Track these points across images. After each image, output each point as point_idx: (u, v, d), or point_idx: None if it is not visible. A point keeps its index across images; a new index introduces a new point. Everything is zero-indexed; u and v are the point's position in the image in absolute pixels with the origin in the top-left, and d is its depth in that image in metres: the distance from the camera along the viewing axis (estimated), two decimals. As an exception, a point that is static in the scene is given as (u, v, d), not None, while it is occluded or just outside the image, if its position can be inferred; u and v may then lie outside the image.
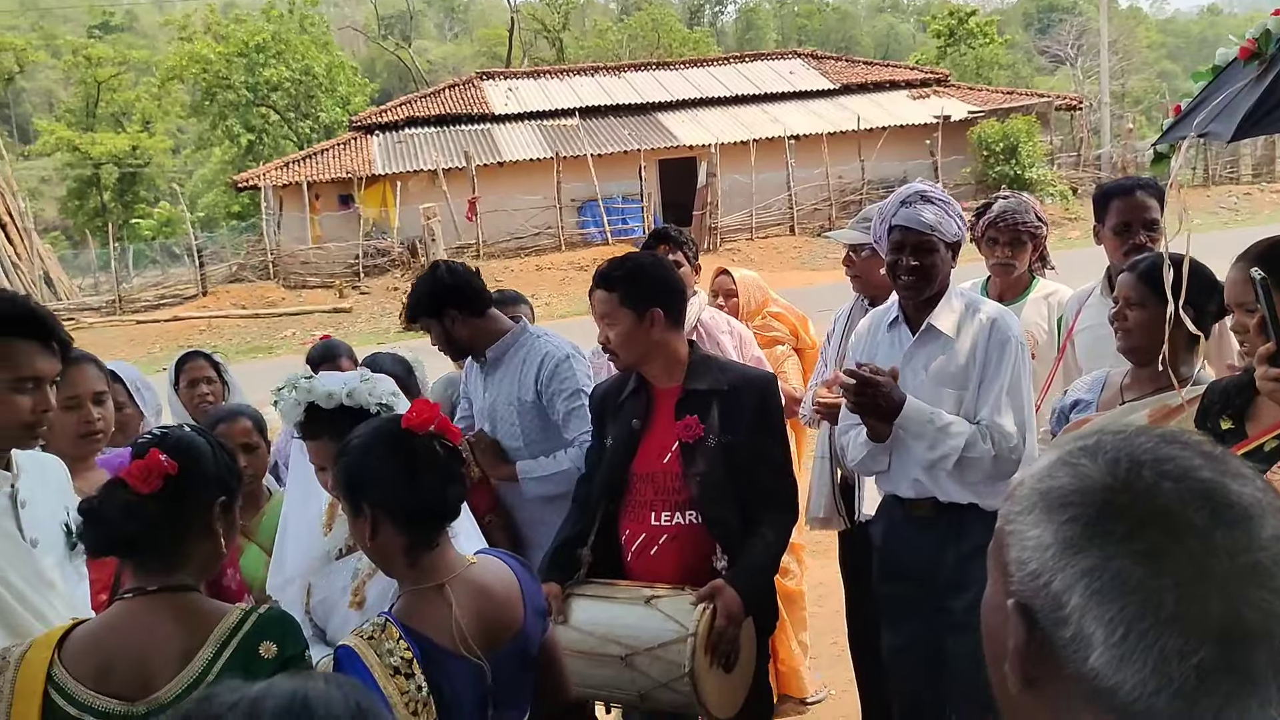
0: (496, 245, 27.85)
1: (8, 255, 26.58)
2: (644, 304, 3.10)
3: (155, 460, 1.94)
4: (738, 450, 3.08)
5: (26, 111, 60.92)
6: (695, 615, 2.83)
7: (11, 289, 2.41)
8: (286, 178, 29.04)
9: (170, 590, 1.98)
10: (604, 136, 30.91)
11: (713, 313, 4.35)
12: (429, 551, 2.12)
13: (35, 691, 1.90)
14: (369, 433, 2.17)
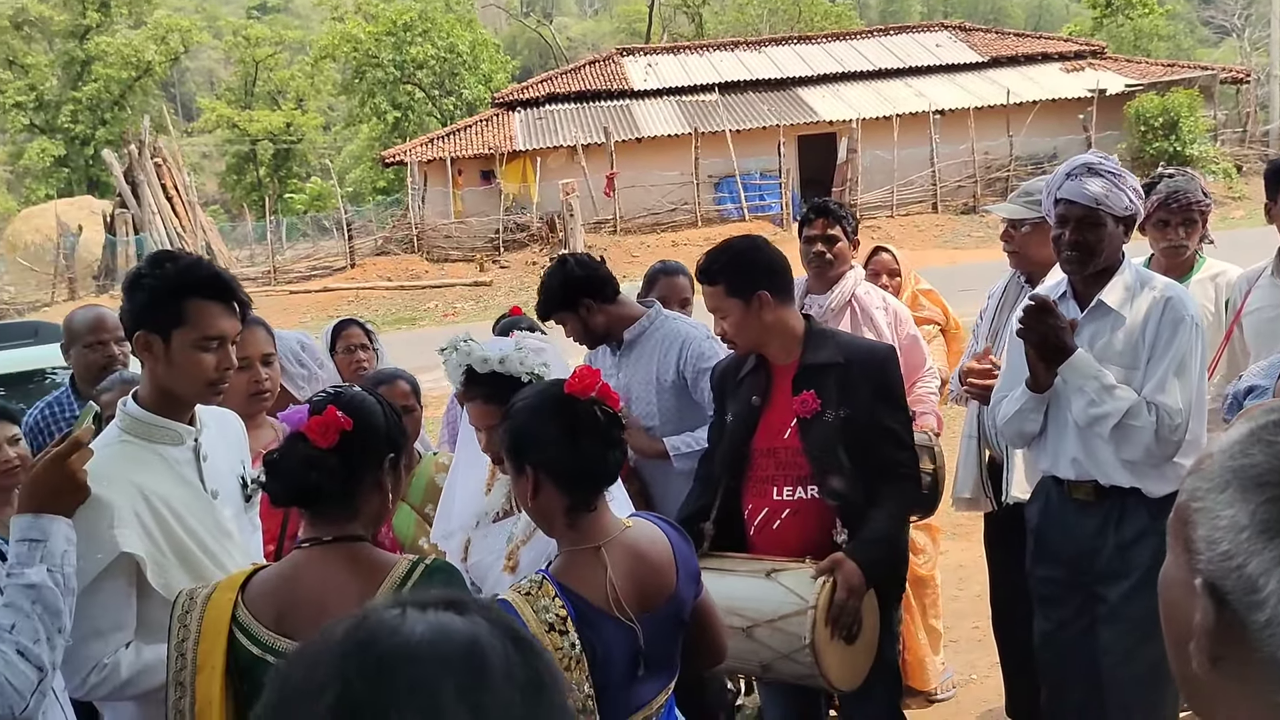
0: (633, 221, 27.98)
1: (174, 226, 27.98)
2: (748, 289, 3.10)
3: (333, 416, 2.03)
4: (855, 423, 3.06)
5: (190, 90, 63.86)
6: (815, 588, 2.84)
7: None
8: (431, 154, 29.73)
9: (344, 540, 2.08)
10: (743, 112, 30.68)
11: (868, 288, 4.28)
12: (587, 514, 2.16)
13: (221, 631, 2.02)
14: (534, 395, 2.23)
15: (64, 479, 2.14)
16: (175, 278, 2.36)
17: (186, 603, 2.09)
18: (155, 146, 29.12)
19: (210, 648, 2.02)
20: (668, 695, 2.26)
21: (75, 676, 2.27)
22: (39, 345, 5.10)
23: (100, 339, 3.90)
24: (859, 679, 2.99)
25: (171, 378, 2.40)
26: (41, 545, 2.08)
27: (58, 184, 45.01)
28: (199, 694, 2.02)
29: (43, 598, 2.04)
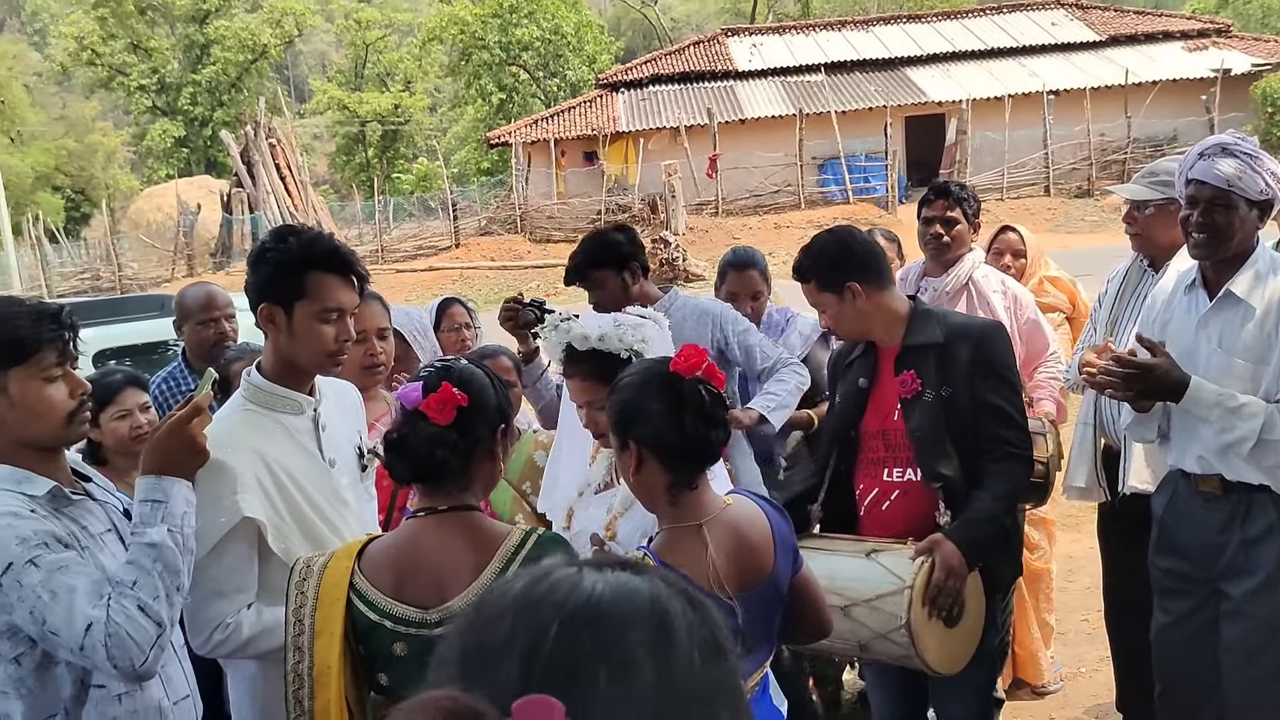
0: (735, 202, 27.85)
1: (286, 206, 28.77)
2: (838, 283, 3.08)
3: (449, 393, 2.07)
4: (957, 402, 3.00)
5: (303, 73, 65.52)
6: (913, 568, 2.81)
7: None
8: (535, 135, 30.00)
9: (458, 510, 2.12)
10: (849, 93, 30.26)
11: (986, 271, 4.17)
12: (689, 491, 2.17)
13: (339, 598, 2.07)
14: (640, 372, 2.25)
15: (184, 443, 2.20)
16: (298, 252, 2.42)
17: (304, 570, 2.15)
18: (270, 128, 29.95)
19: (328, 614, 2.08)
20: (763, 673, 2.26)
21: (200, 634, 2.36)
22: (165, 318, 5.30)
23: (211, 316, 4.02)
24: (959, 664, 2.94)
25: (293, 348, 2.46)
26: (163, 506, 2.16)
27: (178, 164, 46.66)
28: (317, 659, 2.08)
29: (163, 556, 2.12)
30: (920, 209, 4.26)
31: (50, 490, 2.20)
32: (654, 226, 25.90)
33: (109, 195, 43.45)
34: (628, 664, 0.80)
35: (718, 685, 0.83)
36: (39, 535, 2.10)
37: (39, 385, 2.17)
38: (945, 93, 29.23)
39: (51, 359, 2.17)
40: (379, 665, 2.11)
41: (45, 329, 2.17)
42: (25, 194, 41.07)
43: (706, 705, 0.81)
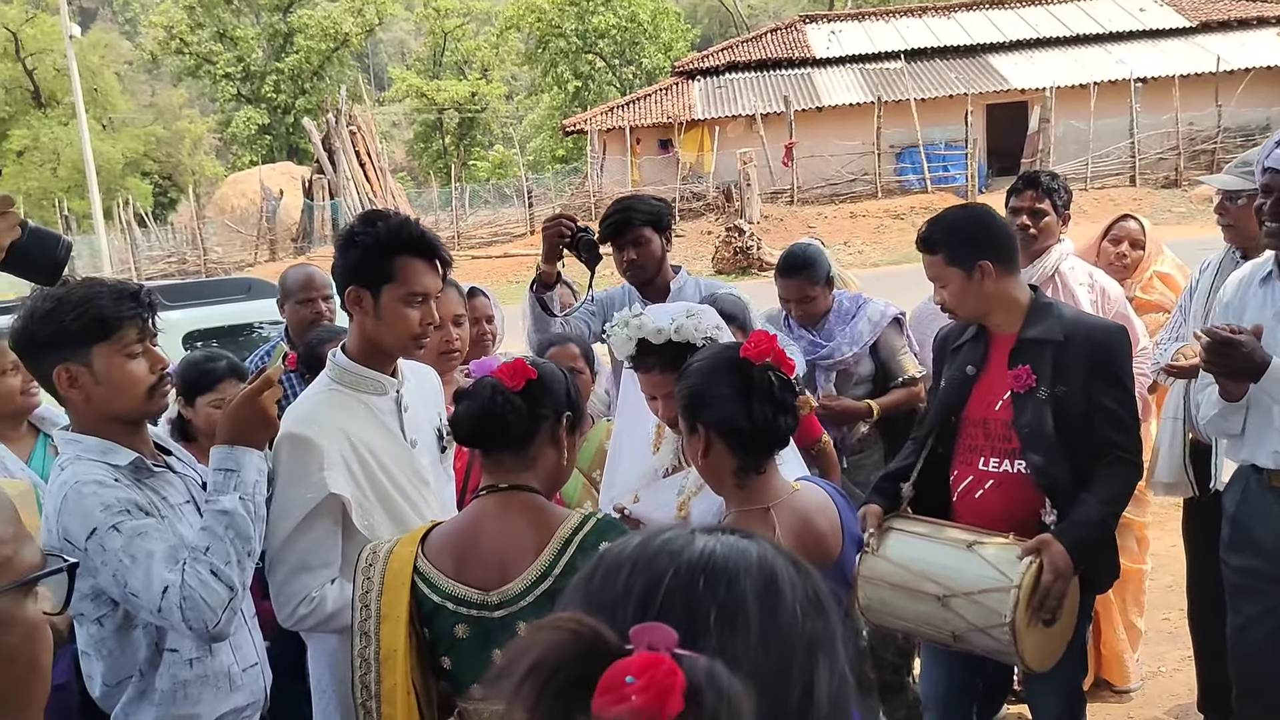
0: (811, 191, 27.63)
1: (365, 192, 29.23)
2: (969, 259, 3.00)
3: (522, 364, 2.14)
4: (1070, 402, 2.93)
5: (383, 61, 66.35)
6: (1020, 568, 2.75)
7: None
8: (610, 122, 30.05)
9: (519, 489, 2.15)
10: (929, 80, 29.81)
11: (1074, 264, 4.06)
12: (757, 475, 2.18)
13: (404, 582, 2.11)
14: (710, 357, 2.26)
15: (256, 414, 2.29)
16: (386, 236, 2.47)
17: (370, 556, 2.18)
18: (350, 115, 30.43)
19: (394, 599, 2.11)
20: None
21: (285, 608, 2.42)
22: (251, 300, 5.42)
23: (309, 295, 4.18)
24: (1052, 661, 2.91)
25: (379, 331, 2.51)
26: (235, 475, 2.25)
27: (261, 151, 47.64)
28: (384, 643, 2.11)
29: (234, 523, 2.21)
30: (1008, 198, 4.17)
31: (133, 461, 2.30)
32: (728, 215, 25.82)
33: (195, 181, 44.56)
34: (737, 608, 0.85)
35: (819, 637, 0.88)
36: (121, 503, 2.20)
37: (122, 361, 2.26)
38: (1029, 80, 28.64)
39: (132, 335, 2.27)
40: (442, 648, 2.13)
41: (125, 307, 2.26)
42: (116, 179, 42.25)
43: (808, 654, 0.86)
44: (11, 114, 45.68)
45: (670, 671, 0.73)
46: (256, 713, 2.49)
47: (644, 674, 0.73)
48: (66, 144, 40.97)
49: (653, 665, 0.73)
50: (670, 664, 0.74)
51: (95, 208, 28.02)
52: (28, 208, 38.04)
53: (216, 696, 2.37)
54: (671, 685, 0.73)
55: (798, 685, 0.85)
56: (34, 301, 2.26)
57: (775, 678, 0.84)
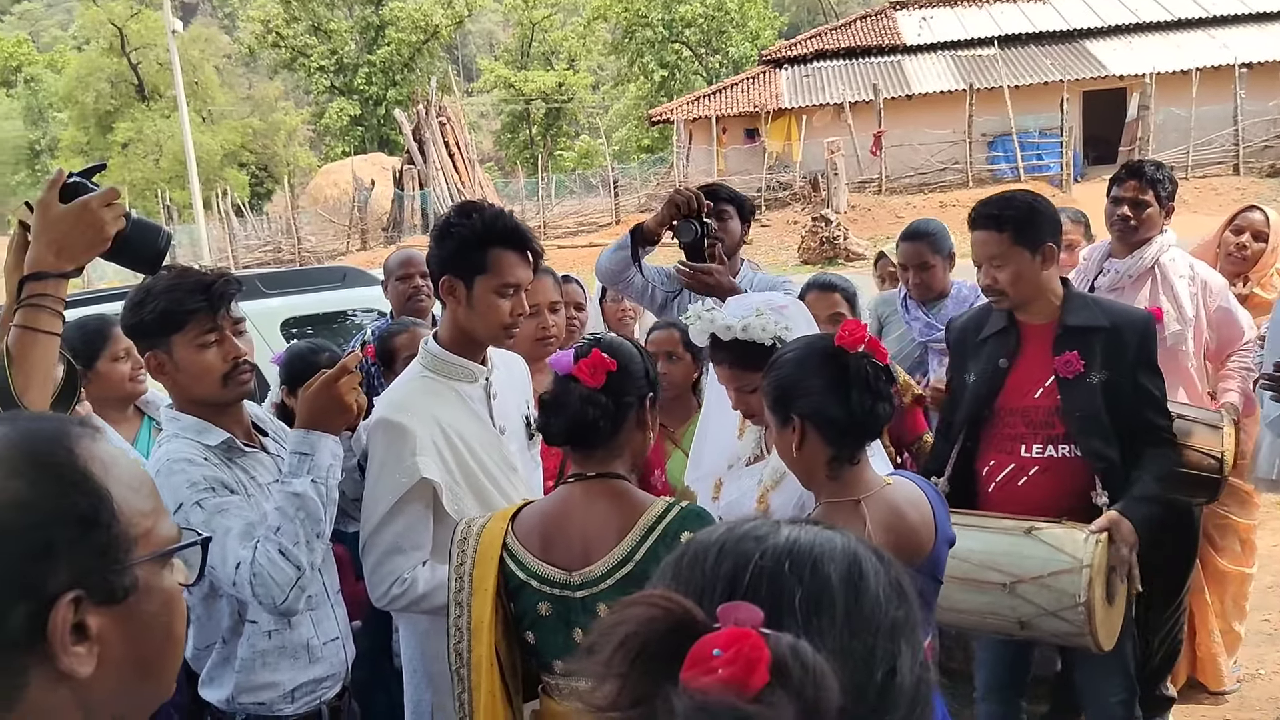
0: (899, 181, 27.26)
1: (454, 182, 29.63)
2: (1037, 240, 3.03)
3: (599, 357, 2.14)
4: (1119, 387, 3.02)
5: (471, 52, 67.09)
6: (1090, 547, 2.79)
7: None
8: (696, 112, 29.99)
9: (606, 477, 2.18)
10: (1023, 66, 29.17)
11: (1175, 255, 3.95)
12: (851, 467, 2.17)
13: (493, 557, 2.17)
14: (802, 347, 2.25)
15: (332, 400, 2.38)
16: (481, 228, 2.52)
17: (465, 530, 2.24)
18: (440, 106, 30.86)
19: (484, 572, 2.17)
20: None
21: (379, 588, 2.50)
22: (346, 289, 5.54)
23: (408, 273, 4.36)
24: (1114, 639, 2.95)
25: (471, 320, 2.56)
26: (309, 459, 2.34)
27: (353, 142, 48.58)
28: (473, 613, 2.18)
29: (305, 505, 2.29)
30: (1110, 187, 4.07)
31: (224, 441, 2.42)
32: (814, 205, 25.60)
33: (290, 172, 45.60)
34: (821, 591, 0.88)
35: (901, 623, 0.89)
36: (207, 480, 2.33)
37: (195, 351, 2.38)
38: (1127, 66, 27.85)
39: (203, 327, 2.37)
40: (526, 624, 2.19)
41: (195, 301, 2.37)
42: (214, 170, 43.46)
43: (891, 638, 0.88)
44: (117, 107, 47.30)
45: (756, 645, 0.75)
46: (337, 684, 2.57)
47: (730, 647, 0.75)
48: (168, 136, 42.29)
49: (739, 639, 0.76)
50: (756, 637, 0.76)
51: (195, 198, 28.87)
52: (131, 198, 39.37)
53: (295, 667, 2.46)
54: (758, 658, 0.75)
55: (882, 666, 0.86)
56: (134, 292, 2.42)
57: (860, 658, 0.85)
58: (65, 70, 52.37)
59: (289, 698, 2.46)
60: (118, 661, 0.97)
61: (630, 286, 3.80)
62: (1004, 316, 3.18)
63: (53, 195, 1.87)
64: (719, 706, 0.73)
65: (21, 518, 0.92)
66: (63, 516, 0.94)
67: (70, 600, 0.93)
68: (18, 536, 0.92)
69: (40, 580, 0.92)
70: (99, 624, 0.95)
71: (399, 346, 3.54)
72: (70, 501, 0.95)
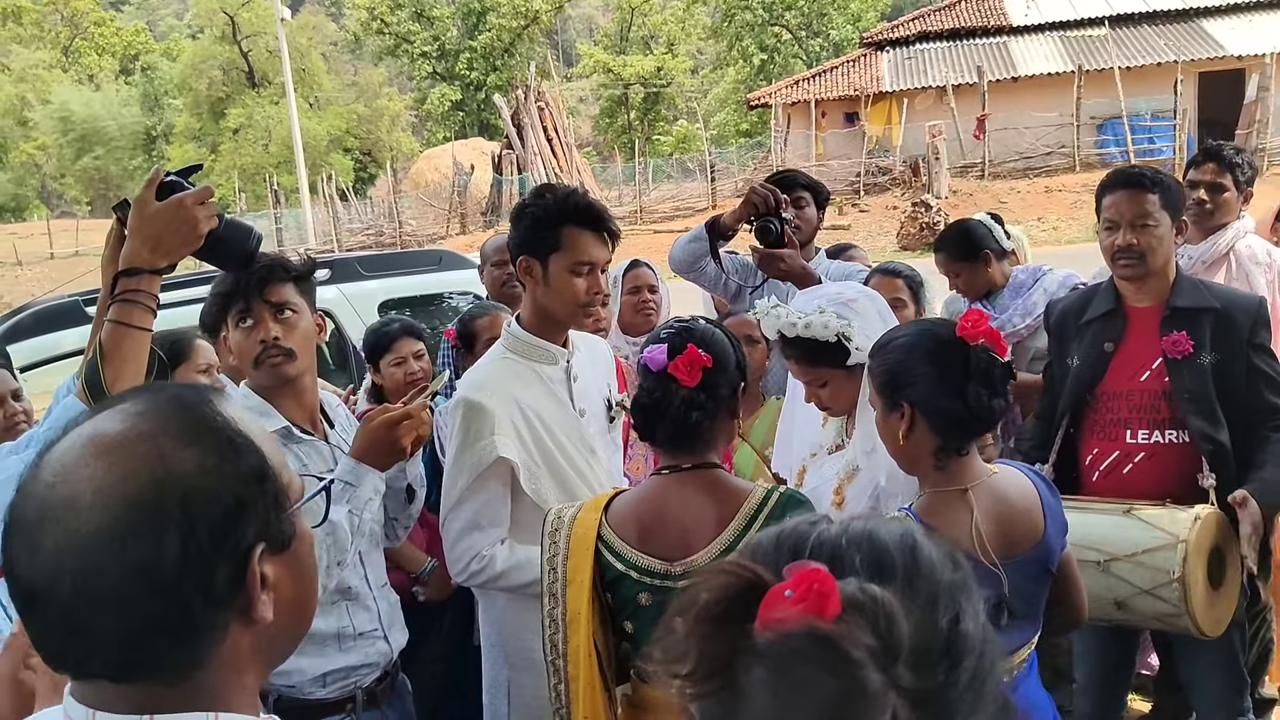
0: (1003, 165, 26.63)
1: (552, 167, 29.87)
2: (1178, 212, 3.04)
3: (695, 354, 2.13)
4: (1230, 368, 2.97)
5: (571, 37, 67.43)
6: (1186, 524, 2.74)
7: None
8: (795, 96, 29.70)
9: (702, 468, 2.18)
10: (1135, 47, 28.21)
11: (1251, 242, 3.88)
12: (959, 457, 2.12)
13: (588, 548, 2.18)
14: (917, 333, 2.19)
15: (387, 440, 2.41)
16: (554, 207, 2.56)
17: (555, 521, 2.25)
18: (539, 91, 31.12)
19: (578, 564, 2.18)
20: (1030, 650, 2.19)
21: (458, 564, 2.55)
22: (442, 272, 5.65)
23: (503, 259, 4.33)
24: (1221, 626, 2.86)
25: (548, 299, 2.60)
26: (352, 489, 2.37)
27: (454, 127, 49.29)
28: (569, 605, 2.19)
29: (335, 533, 2.34)
30: (1187, 170, 3.99)
31: (281, 428, 2.46)
32: (915, 190, 25.18)
33: (392, 157, 46.52)
34: (881, 554, 0.93)
35: (959, 585, 0.93)
36: None
37: (239, 334, 2.47)
38: (1245, 46, 26.71)
39: (240, 308, 2.45)
40: (625, 614, 2.20)
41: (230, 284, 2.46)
42: (321, 155, 44.53)
43: (950, 598, 0.91)
44: (229, 94, 48.78)
45: (825, 578, 0.80)
46: (375, 671, 2.58)
47: (801, 585, 0.80)
48: (277, 122, 43.46)
49: (810, 577, 0.80)
50: (824, 572, 0.80)
51: (301, 182, 29.65)
52: (241, 183, 40.57)
53: (323, 654, 2.47)
54: (829, 591, 0.79)
55: (947, 614, 0.89)
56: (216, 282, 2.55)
57: (924, 608, 0.88)
58: (180, 58, 54.23)
59: (319, 682, 2.49)
60: (286, 603, 1.03)
61: (703, 275, 3.77)
62: (1110, 298, 3.13)
63: (149, 193, 1.92)
64: (798, 637, 0.77)
65: (215, 481, 0.97)
66: (244, 475, 0.99)
67: (260, 552, 0.99)
68: (216, 498, 0.96)
69: (239, 537, 0.97)
70: (274, 571, 1.01)
71: (479, 330, 3.60)
72: (245, 460, 1.00)
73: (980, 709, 0.88)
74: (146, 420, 0.99)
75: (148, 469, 0.95)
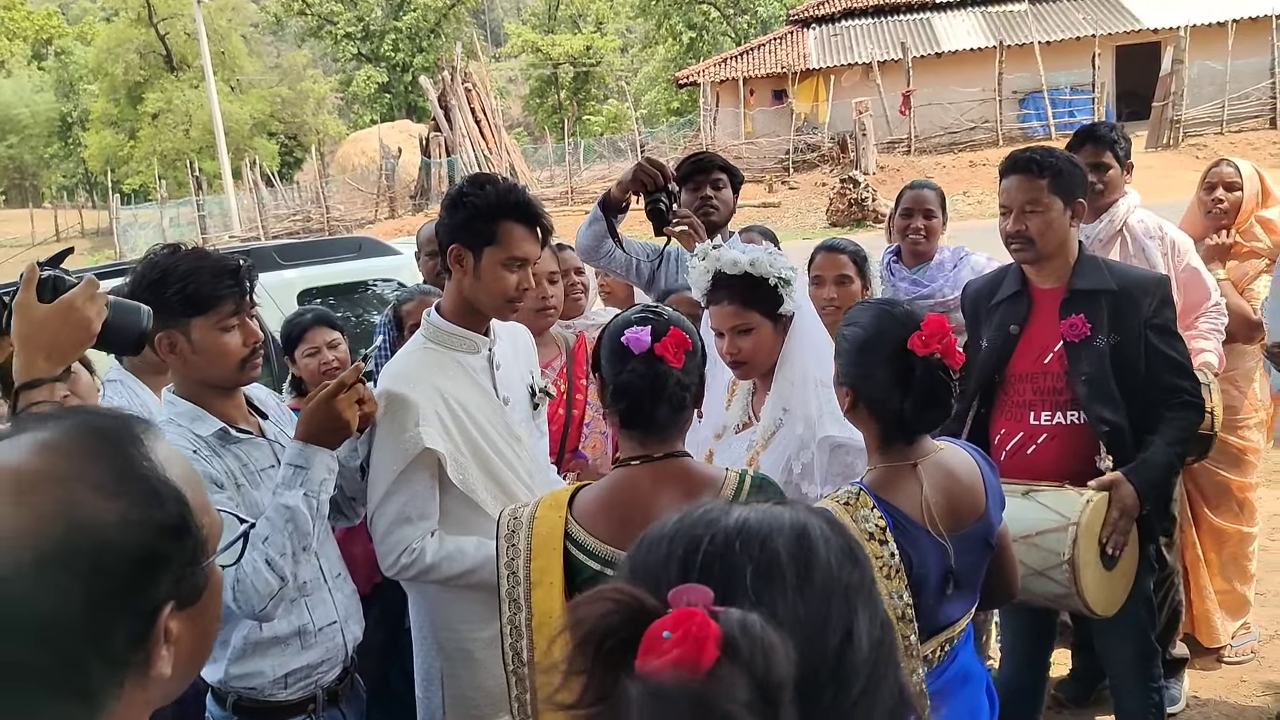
0: (929, 140, 26.97)
1: (481, 149, 29.60)
2: (1071, 195, 3.04)
3: (681, 336, 2.10)
4: (1127, 350, 3.00)
5: (498, 16, 66.79)
6: (1078, 506, 2.79)
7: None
8: (723, 74, 29.76)
9: (672, 456, 2.14)
10: (1054, 21, 28.69)
11: (1142, 216, 3.96)
12: (902, 445, 2.17)
13: (555, 548, 2.09)
14: (878, 333, 2.18)
15: (329, 417, 2.36)
16: (494, 199, 2.52)
17: (511, 522, 2.15)
18: (466, 73, 30.78)
19: (545, 564, 2.08)
20: (969, 620, 2.24)
21: (387, 558, 2.53)
22: (363, 259, 5.56)
23: (434, 249, 4.28)
24: (1115, 606, 2.93)
25: (476, 291, 2.57)
26: (304, 473, 2.32)
27: (380, 109, 48.61)
28: (536, 609, 2.08)
29: (295, 518, 2.29)
30: None
31: (217, 431, 2.39)
32: (843, 166, 25.40)
33: (318, 140, 45.70)
34: (772, 564, 0.91)
35: (855, 586, 0.93)
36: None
37: (217, 334, 2.34)
38: (1161, 19, 27.33)
39: (229, 310, 2.35)
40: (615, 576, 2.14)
41: (224, 284, 2.34)
42: (244, 140, 43.59)
43: (846, 602, 0.91)
44: (146, 78, 47.44)
45: (703, 623, 0.78)
46: (334, 668, 2.55)
47: (679, 628, 0.78)
48: (197, 106, 42.41)
49: (687, 619, 0.78)
50: (703, 616, 0.78)
51: (224, 168, 29.07)
52: (162, 169, 39.65)
53: (285, 654, 2.45)
54: (705, 636, 0.77)
55: (838, 631, 0.89)
56: (143, 269, 2.36)
57: (814, 625, 0.88)
58: (95, 42, 52.60)
59: (281, 683, 2.45)
60: (186, 655, 0.98)
61: (613, 262, 3.76)
62: (1016, 280, 3.17)
63: (29, 295, 1.81)
64: (673, 688, 0.76)
65: (132, 535, 0.91)
66: (164, 528, 0.94)
67: (169, 611, 0.94)
68: (130, 554, 0.91)
69: (149, 595, 0.93)
70: (179, 626, 0.96)
71: (405, 315, 3.57)
72: (166, 513, 0.95)
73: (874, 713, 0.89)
74: (65, 459, 0.92)
75: (61, 516, 0.88)
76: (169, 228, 31.53)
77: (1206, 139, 24.70)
